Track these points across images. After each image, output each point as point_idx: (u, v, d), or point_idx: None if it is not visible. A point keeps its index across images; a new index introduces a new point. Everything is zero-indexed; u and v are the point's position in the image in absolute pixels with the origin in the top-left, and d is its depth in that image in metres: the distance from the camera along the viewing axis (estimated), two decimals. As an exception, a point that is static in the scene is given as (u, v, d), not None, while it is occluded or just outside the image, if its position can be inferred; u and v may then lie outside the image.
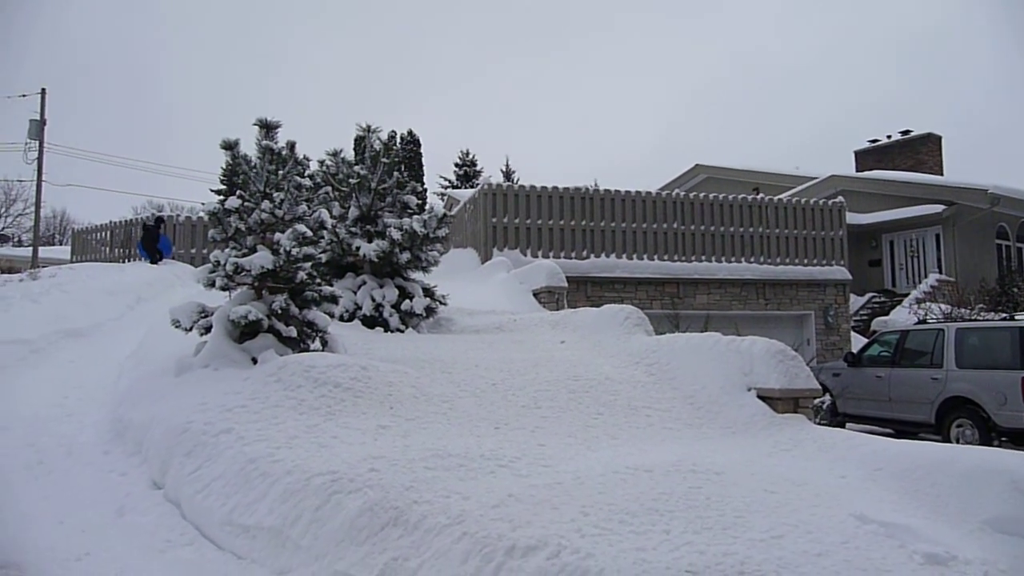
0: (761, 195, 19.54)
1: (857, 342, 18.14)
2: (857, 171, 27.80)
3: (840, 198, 19.80)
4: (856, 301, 22.57)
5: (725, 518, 3.95)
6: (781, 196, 20.15)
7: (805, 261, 18.39)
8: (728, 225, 17.97)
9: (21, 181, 42.49)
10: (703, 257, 17.62)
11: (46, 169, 28.94)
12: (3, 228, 46.75)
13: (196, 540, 4.86)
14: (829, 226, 18.77)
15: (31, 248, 30.47)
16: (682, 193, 18.61)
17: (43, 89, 28.97)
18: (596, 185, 18.79)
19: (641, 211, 17.38)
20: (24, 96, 29.89)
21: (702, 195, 18.28)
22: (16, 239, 46.34)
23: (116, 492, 5.56)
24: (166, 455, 5.60)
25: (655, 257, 17.25)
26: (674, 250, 17.47)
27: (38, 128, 28.80)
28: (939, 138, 27.63)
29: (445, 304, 10.05)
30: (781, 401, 6.20)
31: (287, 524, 4.50)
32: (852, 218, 22.89)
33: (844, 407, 12.79)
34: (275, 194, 7.36)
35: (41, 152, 28.83)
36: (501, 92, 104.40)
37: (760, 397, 6.34)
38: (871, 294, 23.68)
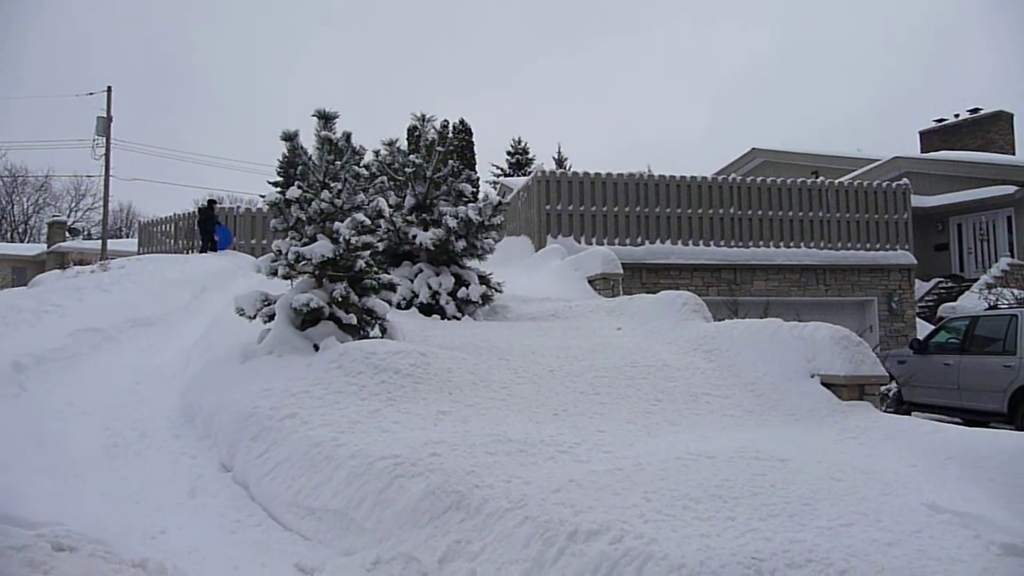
0: (821, 178, 19.07)
1: (923, 329, 17.61)
2: (922, 152, 26.91)
3: (905, 180, 19.19)
4: (921, 287, 21.89)
5: (791, 505, 3.89)
6: (842, 179, 19.62)
7: (868, 246, 17.91)
8: (787, 209, 17.60)
9: (90, 176, 44.05)
10: (761, 242, 17.30)
11: (113, 164, 29.88)
12: (74, 222, 48.49)
13: (264, 521, 4.99)
14: (893, 209, 18.22)
15: (100, 241, 31.55)
16: (738, 178, 18.28)
17: (109, 87, 29.87)
18: (650, 171, 18.59)
19: (696, 196, 17.13)
20: (91, 94, 30.87)
21: (759, 179, 17.93)
22: (86, 232, 48.03)
23: (187, 474, 5.74)
24: (234, 439, 5.76)
25: (711, 243, 17.00)
26: (731, 236, 17.19)
27: (105, 125, 29.72)
28: (1011, 116, 26.54)
29: (500, 291, 10.08)
30: (846, 388, 6.06)
31: (351, 507, 4.59)
32: (917, 201, 22.17)
33: (910, 395, 12.44)
34: (333, 184, 7.48)
35: (108, 148, 29.77)
36: (551, 80, 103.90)
37: (824, 384, 6.21)
38: (937, 279, 22.92)
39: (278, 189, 8.06)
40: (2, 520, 2.90)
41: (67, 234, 40.49)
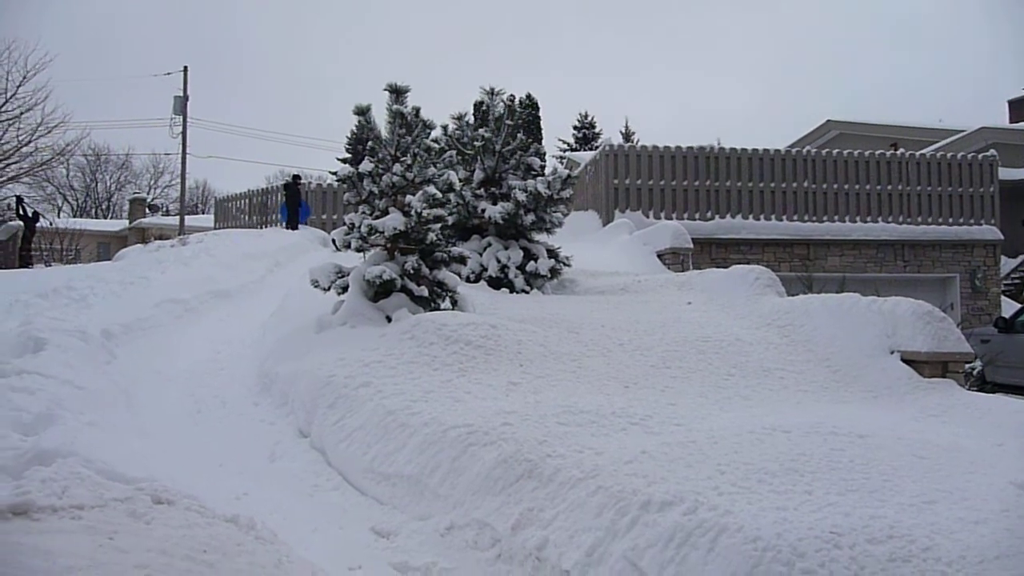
0: (901, 151, 18.36)
1: (1008, 307, 16.87)
2: (1011, 122, 25.60)
3: (991, 152, 18.31)
4: (1008, 263, 20.92)
5: (871, 481, 3.80)
6: (923, 151, 18.86)
7: (950, 220, 17.20)
8: (863, 183, 17.02)
9: (168, 155, 45.58)
10: (836, 217, 16.80)
11: (189, 142, 30.82)
12: (153, 199, 50.30)
13: (341, 486, 5.14)
14: (978, 182, 17.43)
15: (178, 217, 32.67)
16: (813, 150, 17.75)
17: (185, 67, 30.76)
18: (719, 144, 18.21)
19: (769, 170, 16.72)
20: (169, 74, 31.85)
21: (835, 152, 17.38)
22: (164, 209, 49.79)
23: (266, 440, 5.95)
24: (310, 406, 5.93)
25: (783, 217, 16.59)
26: (804, 210, 16.74)
27: (181, 104, 30.65)
28: (1109, 82, 24.97)
29: (569, 265, 10.07)
30: (928, 365, 5.87)
31: (425, 473, 4.69)
32: (1005, 173, 21.10)
33: (994, 375, 11.97)
34: (404, 157, 7.56)
35: (185, 126, 30.72)
36: (618, 53, 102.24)
37: (904, 360, 6.03)
38: (1025, 256, 21.89)
39: (347, 165, 8.17)
40: (103, 475, 3.08)
41: (147, 210, 42.06)
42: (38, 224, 20.79)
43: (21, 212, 19.74)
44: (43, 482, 2.72)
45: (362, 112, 7.52)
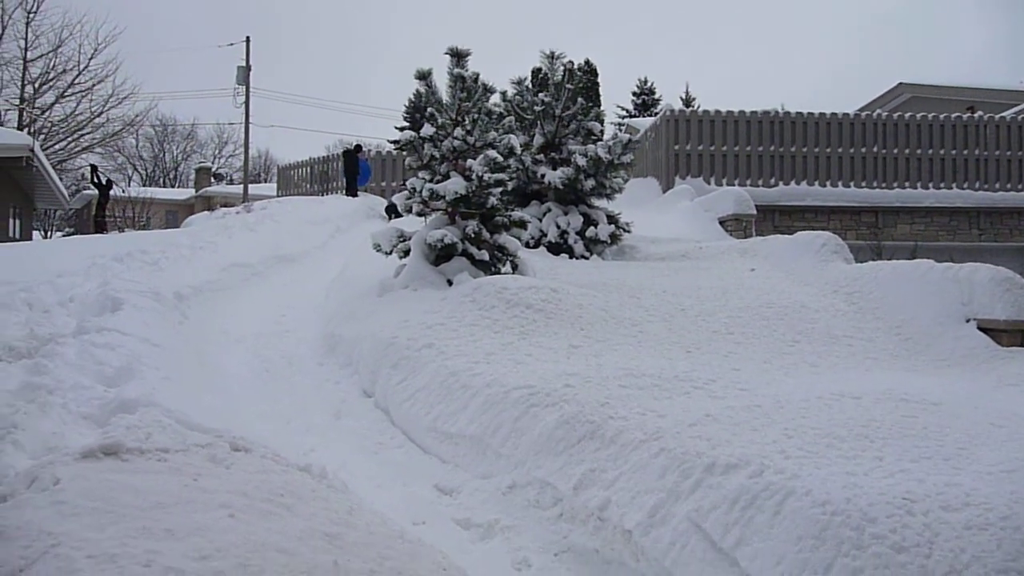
0: (978, 113, 17.56)
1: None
2: (1099, 83, 24.23)
3: (1077, 114, 17.39)
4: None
5: (945, 449, 3.70)
6: (1002, 115, 18.00)
7: (1030, 186, 16.44)
8: (937, 148, 16.36)
9: (231, 124, 46.53)
10: (907, 183, 16.21)
11: (252, 112, 31.37)
12: (218, 168, 51.51)
13: (404, 444, 5.24)
14: (1062, 146, 16.58)
15: (241, 185, 33.40)
16: (884, 114, 17.11)
17: (247, 37, 31.21)
18: (784, 108, 17.69)
19: (837, 134, 16.19)
20: (231, 45, 32.37)
21: (907, 115, 16.72)
22: (228, 178, 50.94)
23: (332, 399, 6.09)
24: (374, 367, 6.04)
25: (851, 184, 16.08)
26: (873, 176, 16.19)
27: (244, 74, 31.16)
28: None
29: (629, 231, 9.98)
30: (1007, 333, 5.66)
31: (487, 433, 4.74)
32: (1090, 137, 20.05)
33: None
34: (465, 121, 7.56)
35: (248, 96, 31.25)
36: (677, 17, 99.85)
37: (981, 329, 5.83)
38: (1110, 224, 20.80)
39: (405, 130, 8.23)
40: (182, 424, 3.20)
41: (212, 179, 43.14)
42: (111, 192, 21.49)
43: (96, 180, 20.42)
44: (128, 428, 2.85)
45: (423, 76, 7.53)
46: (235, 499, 2.06)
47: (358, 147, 18.41)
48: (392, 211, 14.58)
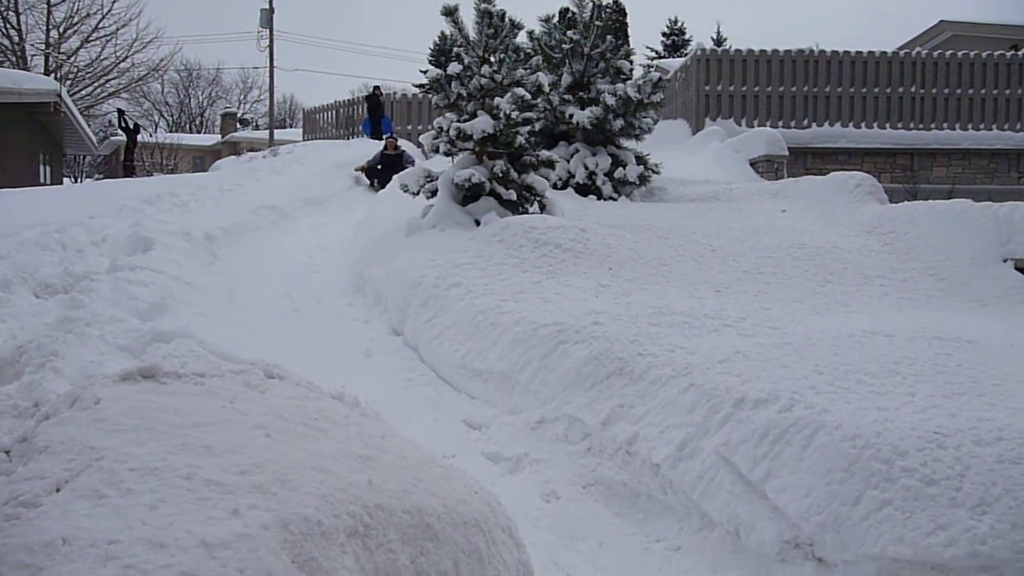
0: (1023, 51, 16.91)
1: None
2: None
3: None
4: None
5: (979, 385, 3.66)
6: (1049, 52, 17.32)
7: (1074, 128, 15.89)
8: (978, 88, 15.81)
9: (255, 68, 46.31)
10: (945, 124, 15.74)
11: (276, 56, 31.12)
12: (243, 114, 51.40)
13: (434, 381, 5.30)
14: (1110, 85, 15.97)
15: (267, 131, 33.35)
16: (923, 52, 16.55)
17: (270, -23, 30.70)
18: (819, 47, 17.16)
19: (873, 74, 15.70)
20: (254, -15, 31.91)
21: (947, 53, 16.15)
22: (254, 123, 50.87)
23: (361, 337, 6.15)
24: (403, 305, 6.08)
25: (887, 125, 15.65)
26: (909, 117, 15.73)
27: (268, 16, 30.78)
28: None
29: (658, 172, 9.83)
30: (1045, 273, 5.55)
31: (516, 370, 4.77)
32: None
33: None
34: (492, 59, 7.43)
35: (272, 40, 30.94)
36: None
37: (1019, 269, 5.72)
38: None
39: (431, 70, 8.07)
40: (216, 355, 3.26)
41: (238, 125, 43.12)
42: (139, 136, 21.57)
43: (123, 124, 20.49)
44: (164, 357, 2.90)
45: (449, 13, 7.38)
46: (271, 421, 2.09)
47: (376, 88, 18.24)
48: (372, 173, 13.19)
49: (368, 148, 15.62)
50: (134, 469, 1.68)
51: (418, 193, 7.72)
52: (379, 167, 13.05)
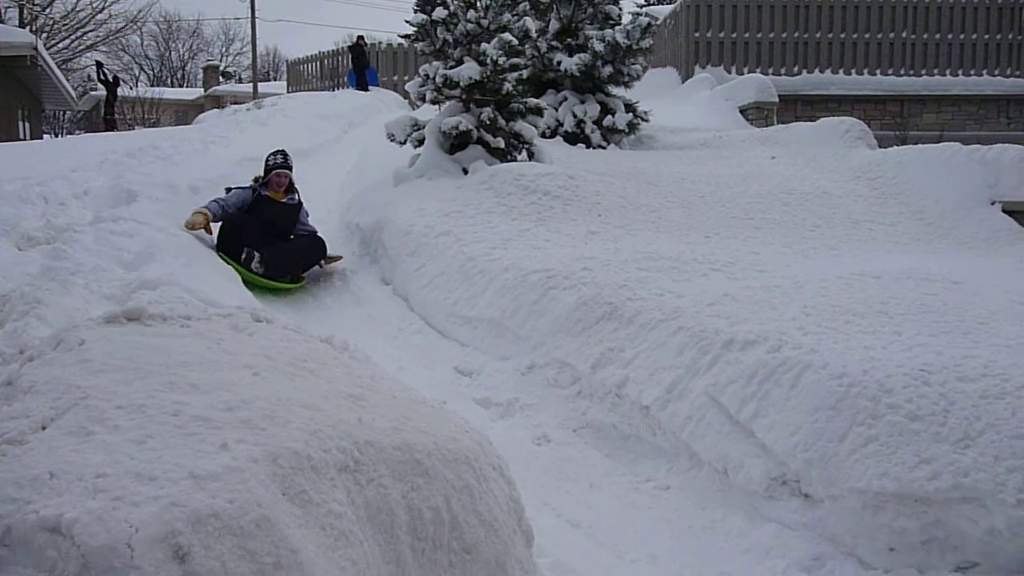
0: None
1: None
2: None
3: (1120, -6, 16.51)
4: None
5: (965, 324, 3.69)
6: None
7: (1065, 73, 15.81)
8: (968, 32, 15.65)
9: (237, 19, 45.31)
10: (935, 70, 15.61)
11: (258, 6, 30.44)
12: (225, 67, 50.41)
13: (423, 329, 5.30)
14: (1102, 29, 15.84)
15: (251, 84, 32.79)
16: (915, -5, 16.32)
17: (249, -78, 29.89)
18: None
19: (864, 19, 15.51)
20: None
21: (939, -2, 15.95)
22: (237, 76, 49.94)
23: (351, 286, 6.13)
24: (392, 255, 6.06)
25: (877, 72, 15.52)
26: (900, 63, 15.59)
27: (248, -37, 30.02)
28: None
29: (647, 120, 9.75)
30: (1032, 215, 5.56)
31: (506, 316, 4.78)
32: None
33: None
34: (478, 3, 7.29)
35: (252, -12, 30.21)
36: None
37: (1006, 212, 5.73)
38: None
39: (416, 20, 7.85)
40: (203, 302, 3.24)
41: (220, 78, 42.27)
42: (119, 89, 21.15)
43: (102, 77, 20.08)
44: (150, 302, 2.88)
45: (434, -45, 7.21)
46: (259, 360, 2.08)
47: (360, 38, 17.90)
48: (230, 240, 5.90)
49: (354, 99, 15.40)
50: (121, 407, 1.67)
51: (405, 142, 7.63)
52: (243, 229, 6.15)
